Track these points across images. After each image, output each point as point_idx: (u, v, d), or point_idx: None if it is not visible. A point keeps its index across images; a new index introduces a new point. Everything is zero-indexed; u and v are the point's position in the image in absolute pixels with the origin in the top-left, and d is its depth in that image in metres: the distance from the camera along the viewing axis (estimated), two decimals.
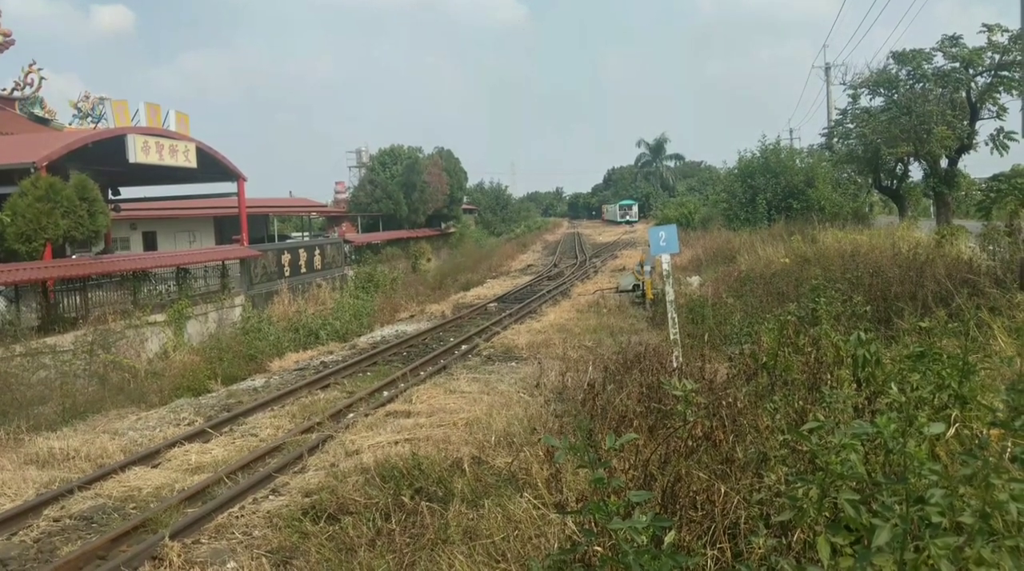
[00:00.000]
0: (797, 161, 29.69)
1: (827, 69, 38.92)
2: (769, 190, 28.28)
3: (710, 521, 3.65)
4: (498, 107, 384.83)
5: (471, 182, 62.54)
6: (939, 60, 22.10)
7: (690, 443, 4.08)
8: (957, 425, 3.73)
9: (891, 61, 23.38)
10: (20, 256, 15.88)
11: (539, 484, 5.25)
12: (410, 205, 44.12)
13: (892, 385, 3.38)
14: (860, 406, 4.20)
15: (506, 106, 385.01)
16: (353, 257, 34.19)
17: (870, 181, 27.40)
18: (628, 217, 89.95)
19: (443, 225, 51.04)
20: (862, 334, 4.28)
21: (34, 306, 16.24)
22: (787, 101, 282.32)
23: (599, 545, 3.12)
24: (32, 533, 7.30)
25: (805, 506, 2.80)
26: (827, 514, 2.82)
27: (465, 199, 58.71)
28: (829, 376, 4.61)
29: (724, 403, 4.37)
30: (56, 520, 7.56)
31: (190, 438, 10.08)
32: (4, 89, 27.04)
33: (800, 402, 4.31)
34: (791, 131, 57.45)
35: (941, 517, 2.43)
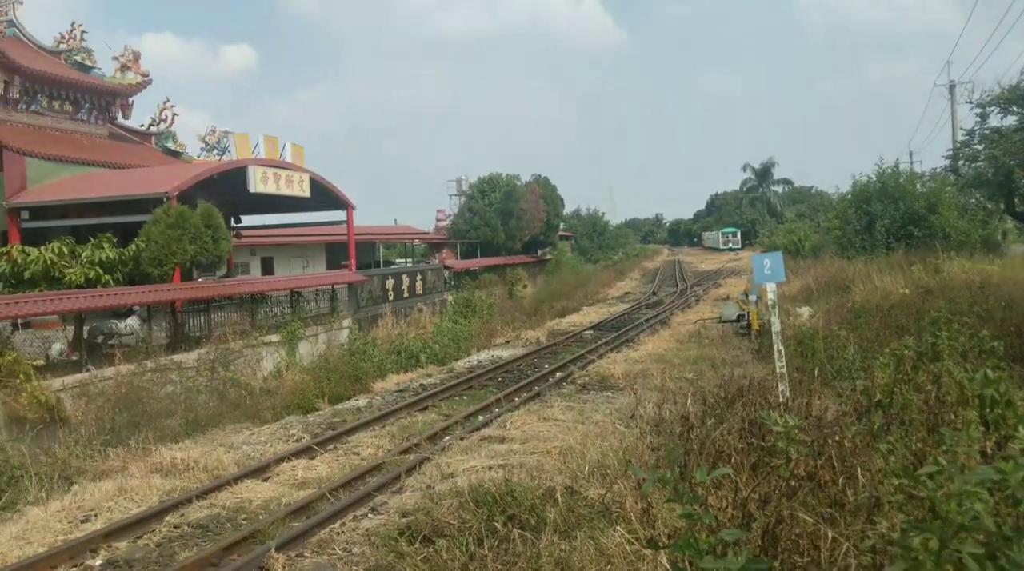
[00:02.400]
0: (918, 185, 27.99)
1: (951, 87, 36.73)
2: (887, 216, 26.76)
3: (816, 567, 3.44)
4: (597, 132, 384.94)
5: (568, 208, 62.57)
6: None
7: (792, 483, 3.87)
8: None
9: None
10: (152, 279, 17.09)
11: (633, 519, 5.11)
12: (507, 232, 44.64)
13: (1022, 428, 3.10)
14: (989, 451, 3.87)
15: (606, 131, 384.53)
16: (452, 283, 34.88)
17: (1002, 206, 25.54)
18: (731, 244, 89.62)
19: (539, 252, 51.28)
20: (989, 372, 3.95)
21: (164, 325, 17.43)
22: (906, 122, 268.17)
23: None
24: (155, 538, 7.79)
25: (922, 557, 2.60)
26: (948, 568, 2.60)
27: (562, 226, 58.79)
28: (952, 417, 4.28)
29: (832, 442, 4.13)
30: (176, 527, 8.04)
31: (297, 454, 10.50)
32: (142, 125, 29.36)
33: (918, 444, 4.02)
34: (911, 154, 54.56)
35: None
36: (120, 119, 27.75)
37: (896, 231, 26.38)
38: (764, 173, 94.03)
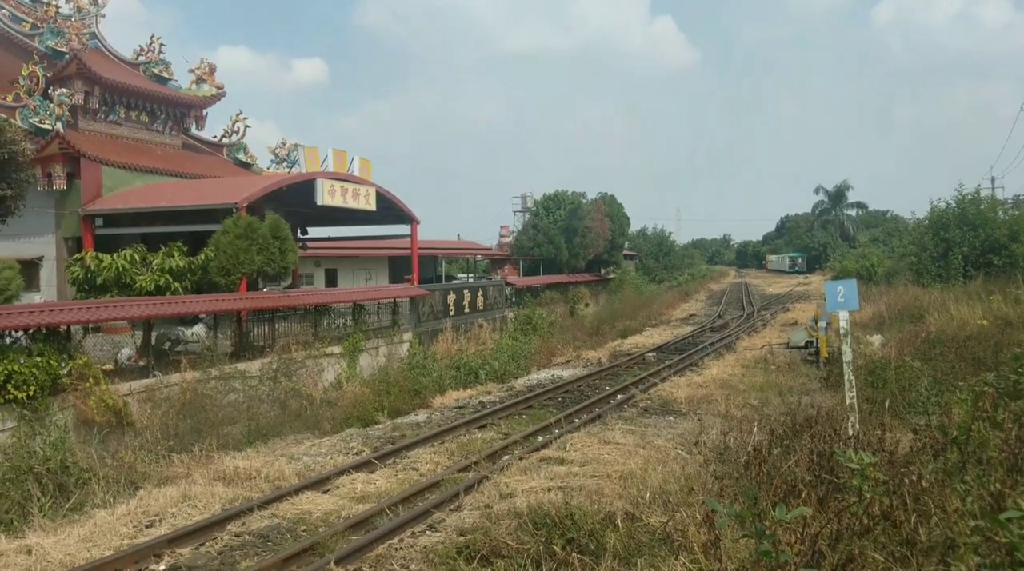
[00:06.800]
0: (1000, 213, 26.90)
1: None
2: (965, 244, 25.78)
3: None
4: (667, 150, 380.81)
5: (634, 228, 62.02)
6: None
7: (865, 521, 3.74)
8: None
9: None
10: (220, 288, 17.32)
11: (695, 548, 5.01)
12: (571, 250, 44.54)
13: None
14: None
15: (675, 150, 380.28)
16: (513, 299, 34.92)
17: None
18: (796, 268, 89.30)
19: (603, 270, 50.96)
20: None
21: (229, 334, 17.74)
22: (988, 147, 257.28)
23: None
24: (216, 546, 7.97)
25: None
26: None
27: (626, 245, 58.38)
28: None
29: (907, 480, 3.97)
30: (237, 535, 8.21)
31: (357, 467, 10.64)
32: (215, 136, 30.03)
33: (997, 484, 3.83)
34: (992, 180, 52.01)
35: None
36: (194, 130, 28.35)
37: (975, 259, 25.40)
38: (838, 196, 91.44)
